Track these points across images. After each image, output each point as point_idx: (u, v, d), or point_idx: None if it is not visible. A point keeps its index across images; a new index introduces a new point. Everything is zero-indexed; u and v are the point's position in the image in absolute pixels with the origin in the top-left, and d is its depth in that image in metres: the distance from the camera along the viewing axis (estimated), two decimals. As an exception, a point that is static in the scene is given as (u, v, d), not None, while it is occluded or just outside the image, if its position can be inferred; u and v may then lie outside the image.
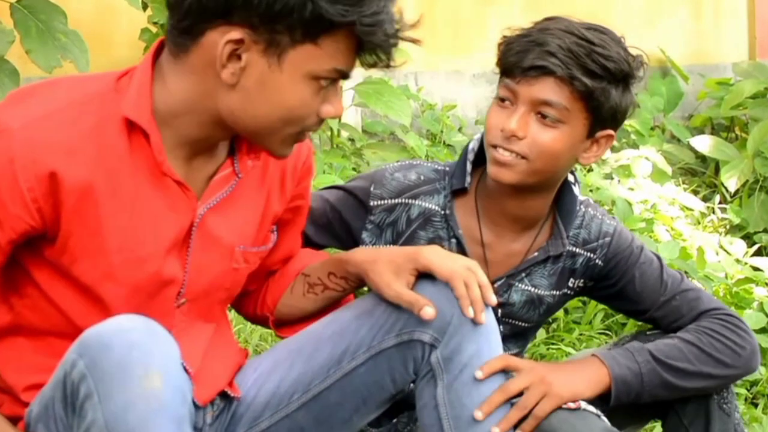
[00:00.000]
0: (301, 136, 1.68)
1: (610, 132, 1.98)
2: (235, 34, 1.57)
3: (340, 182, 3.49)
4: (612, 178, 4.47)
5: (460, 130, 4.77)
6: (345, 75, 1.64)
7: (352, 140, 4.24)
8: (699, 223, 4.43)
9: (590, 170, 4.62)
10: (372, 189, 2.05)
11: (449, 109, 4.76)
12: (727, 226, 4.56)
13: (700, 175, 5.15)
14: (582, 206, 2.09)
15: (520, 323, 2.12)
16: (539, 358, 3.11)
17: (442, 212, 2.04)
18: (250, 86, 1.60)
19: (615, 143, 5.08)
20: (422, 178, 2.06)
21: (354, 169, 3.85)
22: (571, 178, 2.06)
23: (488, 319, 1.78)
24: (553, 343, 3.23)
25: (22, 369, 1.68)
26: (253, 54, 1.58)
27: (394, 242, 2.06)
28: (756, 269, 3.94)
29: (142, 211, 1.65)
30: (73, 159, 1.59)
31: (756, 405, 3.06)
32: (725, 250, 4.09)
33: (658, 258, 2.10)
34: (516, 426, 1.84)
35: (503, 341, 2.04)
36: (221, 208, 1.73)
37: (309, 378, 1.83)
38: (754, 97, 5.17)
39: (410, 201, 2.05)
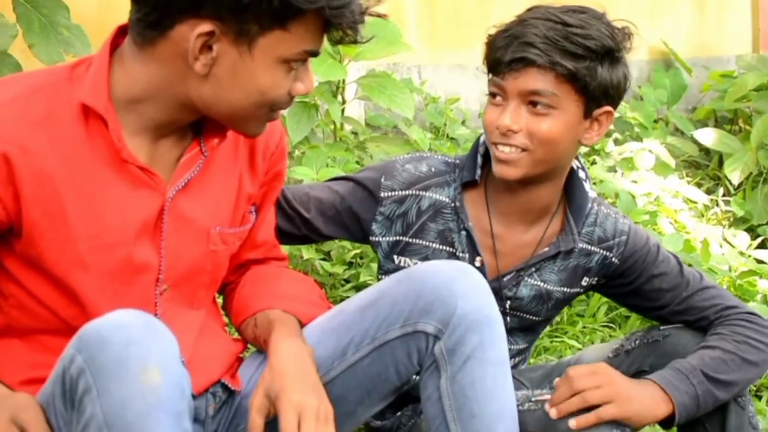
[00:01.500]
0: (274, 115, 1.71)
1: (608, 108, 1.98)
2: (206, 26, 1.58)
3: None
4: (615, 171, 4.47)
5: (463, 123, 4.76)
6: (314, 54, 1.66)
7: (355, 134, 4.24)
8: (702, 215, 4.42)
9: (594, 163, 4.61)
10: (383, 180, 2.06)
11: (452, 102, 4.76)
12: (731, 219, 4.56)
13: (704, 167, 5.15)
14: (594, 204, 2.09)
15: (528, 317, 2.12)
16: (542, 351, 3.11)
17: (453, 204, 2.05)
18: (222, 75, 1.62)
19: (618, 136, 5.08)
20: (433, 170, 2.07)
21: (357, 162, 3.85)
22: (582, 174, 2.07)
23: (491, 310, 1.78)
24: (556, 336, 3.23)
25: (17, 369, 1.68)
26: (223, 44, 1.59)
27: (404, 233, 2.07)
28: (760, 262, 3.94)
29: (106, 197, 1.66)
30: (24, 148, 1.60)
31: (760, 397, 3.06)
32: (729, 243, 4.08)
33: (675, 256, 2.11)
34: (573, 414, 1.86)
35: (511, 334, 2.05)
36: (192, 190, 1.74)
37: None
38: (757, 89, 5.16)
39: (421, 192, 2.06)
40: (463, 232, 2.05)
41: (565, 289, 2.10)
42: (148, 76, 1.64)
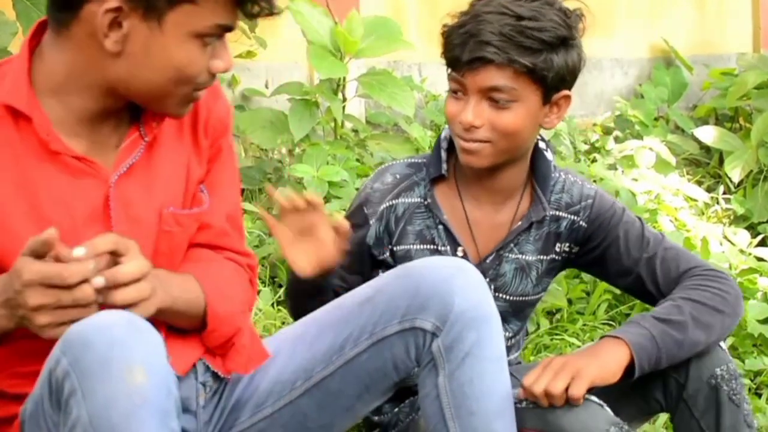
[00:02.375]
0: (196, 95, 1.69)
1: (566, 93, 2.03)
2: (113, 2, 1.57)
3: (345, 176, 3.51)
4: (616, 169, 4.47)
5: (463, 121, 4.76)
6: (229, 28, 1.65)
7: (355, 131, 4.24)
8: (703, 213, 4.42)
9: (594, 161, 4.61)
10: (366, 210, 2.11)
11: (453, 100, 4.75)
12: (731, 217, 4.56)
13: (704, 165, 5.14)
14: (561, 173, 2.15)
15: (516, 298, 2.14)
16: (543, 349, 3.11)
17: (425, 202, 2.09)
18: (135, 52, 1.61)
19: (619, 134, 5.08)
20: (398, 176, 2.12)
21: (357, 160, 3.85)
22: (542, 144, 2.12)
23: (489, 307, 1.79)
24: (557, 334, 3.23)
25: (3, 376, 1.67)
26: (133, 20, 1.58)
27: (390, 243, 2.11)
28: (760, 259, 3.93)
29: (47, 192, 1.65)
30: None
31: (760, 395, 3.06)
32: (729, 241, 4.08)
33: (639, 219, 2.15)
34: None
35: (504, 320, 2.06)
36: (136, 174, 1.72)
37: (312, 365, 1.83)
38: (758, 87, 5.15)
39: (393, 201, 2.11)
40: (440, 227, 2.09)
41: (541, 257, 2.14)
42: (67, 63, 1.64)
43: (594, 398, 1.91)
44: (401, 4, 4.95)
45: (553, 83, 1.99)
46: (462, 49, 1.97)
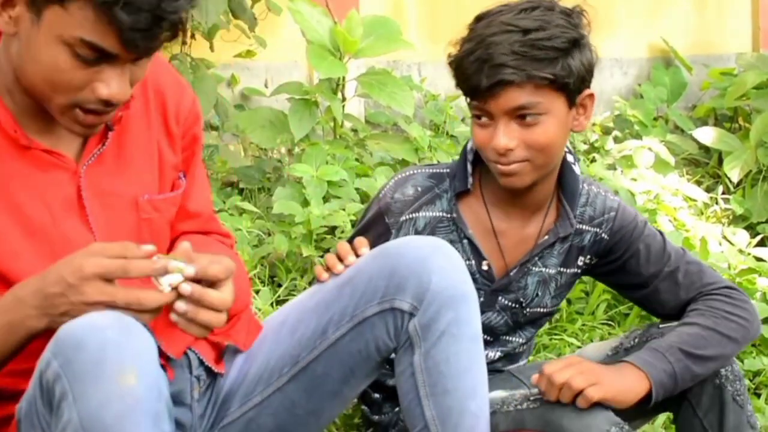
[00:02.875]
0: (82, 114, 1.61)
1: (589, 92, 2.01)
2: None
3: (345, 176, 3.51)
4: (615, 169, 4.47)
5: (463, 120, 4.76)
6: (100, 50, 1.55)
7: (355, 131, 4.24)
8: (702, 213, 4.42)
9: (593, 161, 4.61)
10: (387, 220, 2.08)
11: (452, 100, 4.75)
12: (730, 217, 4.56)
13: (703, 165, 5.14)
14: (585, 185, 2.12)
15: (534, 310, 2.14)
16: (542, 349, 3.11)
17: (449, 216, 2.07)
18: (22, 39, 1.58)
19: (618, 134, 5.08)
20: (419, 189, 2.08)
21: (357, 159, 3.85)
22: (570, 158, 2.09)
23: (466, 286, 1.78)
24: (556, 334, 3.23)
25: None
26: (21, 6, 1.56)
27: None
28: (759, 260, 3.93)
29: (21, 187, 1.65)
30: None
31: (759, 395, 3.06)
32: (728, 241, 4.08)
33: (661, 233, 2.14)
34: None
35: (520, 328, 2.06)
36: (107, 163, 1.73)
37: (297, 351, 1.84)
38: (757, 87, 5.16)
39: (414, 215, 2.08)
40: (465, 241, 2.07)
41: (562, 269, 2.13)
42: (5, 58, 1.63)
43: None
44: (401, 4, 4.95)
45: (575, 86, 1.96)
46: (478, 77, 1.92)
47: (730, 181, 4.77)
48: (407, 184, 2.09)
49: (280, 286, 3.18)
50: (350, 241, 2.09)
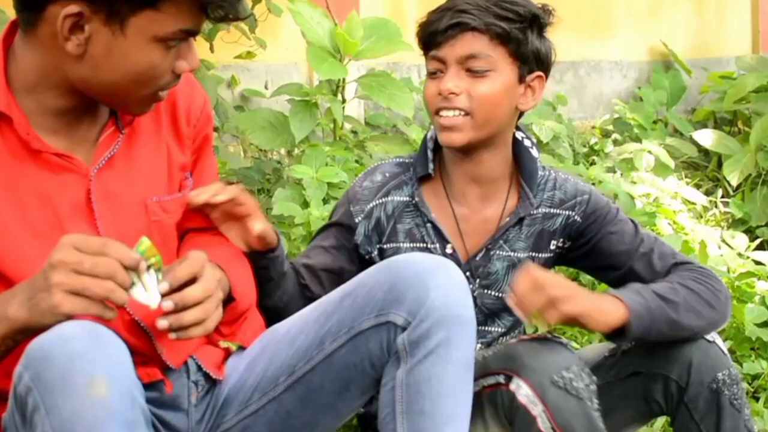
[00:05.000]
0: (159, 95, 1.70)
1: (539, 73, 2.08)
2: (73, 8, 1.58)
3: (344, 178, 3.51)
4: (614, 172, 4.47)
5: (462, 122, 4.77)
6: (193, 33, 1.66)
7: (354, 132, 4.24)
8: (701, 217, 4.43)
9: (593, 163, 4.61)
10: (351, 208, 2.13)
11: (452, 102, 4.75)
12: (730, 220, 4.56)
13: (703, 169, 5.15)
14: (551, 171, 2.17)
15: (507, 295, 2.13)
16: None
17: (412, 201, 2.11)
18: (97, 55, 1.62)
19: (617, 137, 5.08)
20: (387, 175, 2.15)
21: (357, 161, 3.85)
22: (527, 142, 2.14)
23: (464, 310, 1.75)
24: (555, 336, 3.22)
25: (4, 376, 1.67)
26: (95, 24, 1.59)
27: (380, 242, 2.13)
28: (758, 263, 3.93)
29: (30, 189, 1.66)
30: None
31: (757, 399, 3.06)
32: (727, 244, 4.08)
33: (632, 220, 2.17)
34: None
35: (497, 316, 2.07)
36: (117, 167, 1.74)
37: (294, 360, 1.83)
38: (757, 91, 5.16)
39: (383, 199, 2.13)
40: (428, 224, 2.11)
41: (534, 254, 2.15)
42: (36, 62, 1.65)
43: (561, 339, 1.92)
44: (401, 6, 4.95)
45: (528, 59, 2.05)
46: (439, 22, 2.05)
47: (730, 185, 4.77)
48: (376, 172, 2.17)
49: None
50: (319, 232, 2.20)
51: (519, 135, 2.15)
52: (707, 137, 5.01)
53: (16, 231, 1.64)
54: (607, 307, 1.93)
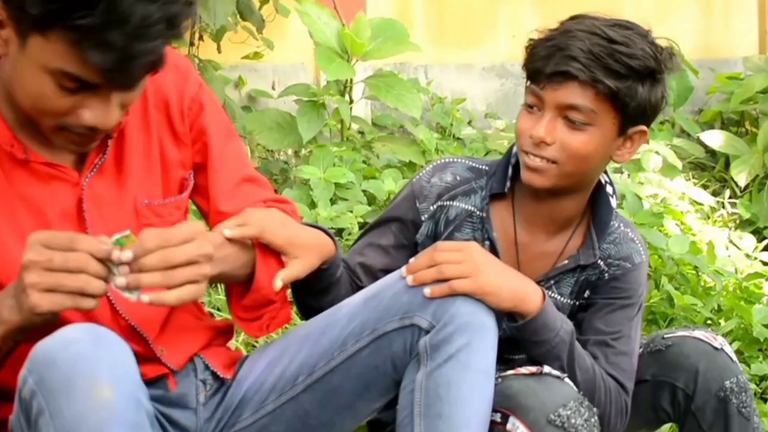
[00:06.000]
0: (73, 135, 1.60)
1: (643, 128, 1.95)
2: None
3: (352, 178, 3.51)
4: (622, 173, 4.47)
5: (469, 123, 4.77)
6: (81, 80, 1.52)
7: (362, 133, 4.25)
8: (709, 217, 4.42)
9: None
10: (418, 204, 2.05)
11: (459, 102, 4.76)
12: (737, 221, 4.56)
13: (710, 169, 5.14)
14: (621, 224, 2.07)
15: None
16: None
17: (479, 214, 2.04)
18: (11, 62, 1.57)
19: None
20: (458, 178, 2.05)
21: (364, 161, 3.85)
22: (609, 189, 2.05)
23: (487, 318, 1.75)
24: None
25: (7, 372, 1.66)
26: (9, 30, 1.54)
27: (434, 242, 2.01)
28: (766, 264, 3.93)
29: (18, 198, 1.65)
30: None
31: (765, 400, 3.06)
32: (735, 245, 4.08)
33: (640, 306, 2.06)
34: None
35: (521, 347, 2.02)
36: (107, 172, 1.72)
37: (314, 360, 1.82)
38: (764, 91, 5.16)
39: (448, 203, 2.05)
40: (488, 242, 2.03)
41: (572, 301, 2.07)
42: (4, 70, 1.62)
43: (554, 372, 1.87)
44: (408, 7, 4.95)
45: (633, 114, 1.92)
46: (547, 62, 1.90)
47: (737, 186, 4.77)
48: (446, 170, 2.06)
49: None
50: (375, 226, 2.07)
51: (603, 179, 2.05)
52: (714, 138, 5.00)
53: (7, 240, 1.63)
54: (518, 292, 1.86)
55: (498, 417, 1.85)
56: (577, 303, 2.07)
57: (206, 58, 3.88)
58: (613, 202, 2.04)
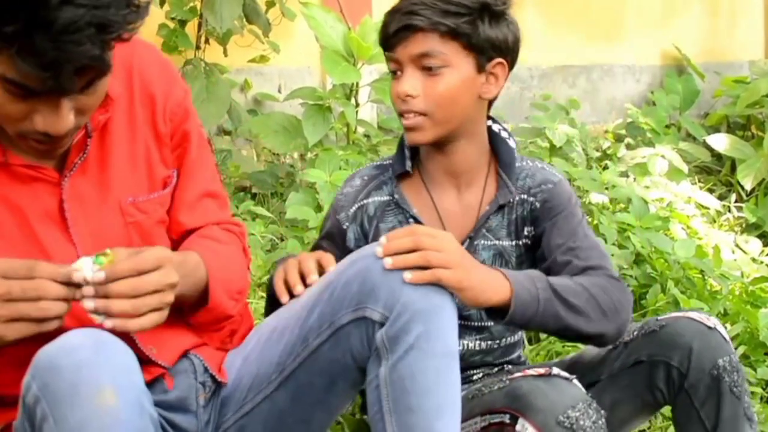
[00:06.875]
0: (34, 142, 1.59)
1: (500, 60, 2.06)
2: None
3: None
4: (628, 176, 4.47)
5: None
6: (26, 87, 1.50)
7: (368, 136, 4.25)
8: (715, 221, 4.42)
9: (606, 168, 4.61)
10: (338, 216, 2.14)
11: (464, 106, 4.75)
12: (743, 225, 4.55)
13: (716, 173, 5.14)
14: (528, 161, 2.16)
15: None
16: (555, 356, 3.11)
17: (393, 199, 2.12)
18: None
19: (630, 141, 5.08)
20: (366, 178, 2.16)
21: (370, 165, 3.85)
22: (504, 134, 2.15)
23: (441, 299, 1.71)
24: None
25: (5, 382, 1.67)
26: None
27: (367, 243, 2.07)
28: (772, 268, 3.93)
29: (1, 203, 1.65)
30: None
31: (770, 403, 3.05)
32: (741, 249, 4.08)
33: (584, 216, 2.14)
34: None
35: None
36: (90, 170, 1.71)
37: (283, 357, 1.81)
38: (770, 95, 5.16)
39: (364, 201, 2.14)
40: (411, 220, 2.11)
41: (514, 242, 2.13)
42: None
43: (562, 373, 1.90)
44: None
45: (483, 49, 2.03)
46: (390, 25, 2.04)
47: (743, 189, 4.76)
48: (354, 177, 2.18)
49: (292, 291, 3.18)
50: (313, 249, 2.14)
51: (496, 127, 2.16)
52: (720, 142, 5.00)
53: None
54: (489, 285, 1.86)
55: (507, 418, 1.87)
56: (521, 242, 2.13)
57: (212, 62, 3.89)
58: (512, 143, 2.15)
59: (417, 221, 2.10)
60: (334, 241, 2.14)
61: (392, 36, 2.04)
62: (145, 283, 1.54)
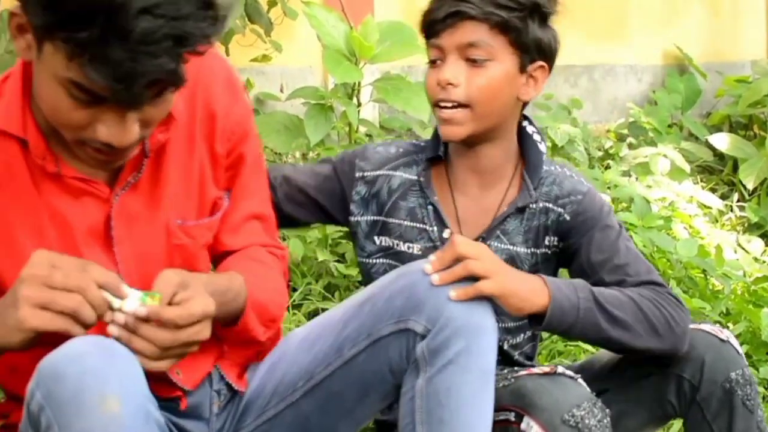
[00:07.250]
0: (92, 151, 1.55)
1: (542, 63, 2.04)
2: (17, 9, 1.48)
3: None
4: (630, 176, 4.47)
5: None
6: (94, 94, 1.46)
7: (370, 136, 4.25)
8: (717, 221, 4.42)
9: (608, 167, 4.61)
10: (357, 161, 2.12)
11: (466, 106, 4.75)
12: (745, 225, 4.55)
13: (718, 173, 5.14)
14: (557, 166, 2.13)
15: None
16: (557, 355, 3.11)
17: (419, 180, 2.10)
18: (34, 70, 1.53)
19: (633, 141, 5.08)
20: (401, 150, 2.14)
21: (372, 164, 3.85)
22: (537, 137, 2.11)
23: (484, 319, 1.72)
24: (571, 339, 3.22)
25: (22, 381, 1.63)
26: (29, 35, 1.49)
27: (379, 213, 2.11)
28: (774, 267, 3.93)
29: (46, 211, 1.62)
30: None
31: (775, 403, 3.05)
32: (743, 249, 4.08)
33: (620, 225, 2.11)
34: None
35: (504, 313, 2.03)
36: (142, 189, 1.68)
37: (313, 366, 1.81)
38: (772, 95, 5.16)
39: (391, 172, 2.12)
40: (430, 207, 2.09)
41: (532, 249, 2.09)
42: (35, 81, 1.56)
43: (568, 372, 1.89)
44: (416, 9, 4.95)
45: (529, 48, 2.01)
46: (439, 10, 2.01)
47: (745, 189, 4.76)
48: (392, 144, 2.16)
49: (295, 290, 3.19)
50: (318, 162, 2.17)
51: (530, 129, 2.12)
52: (723, 141, 5.00)
53: (29, 250, 1.56)
54: (531, 290, 1.87)
55: (512, 416, 1.87)
56: (539, 251, 2.09)
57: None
58: (542, 147, 2.11)
59: (435, 209, 2.08)
60: (337, 173, 2.11)
61: (440, 22, 2.00)
62: (177, 336, 1.52)
